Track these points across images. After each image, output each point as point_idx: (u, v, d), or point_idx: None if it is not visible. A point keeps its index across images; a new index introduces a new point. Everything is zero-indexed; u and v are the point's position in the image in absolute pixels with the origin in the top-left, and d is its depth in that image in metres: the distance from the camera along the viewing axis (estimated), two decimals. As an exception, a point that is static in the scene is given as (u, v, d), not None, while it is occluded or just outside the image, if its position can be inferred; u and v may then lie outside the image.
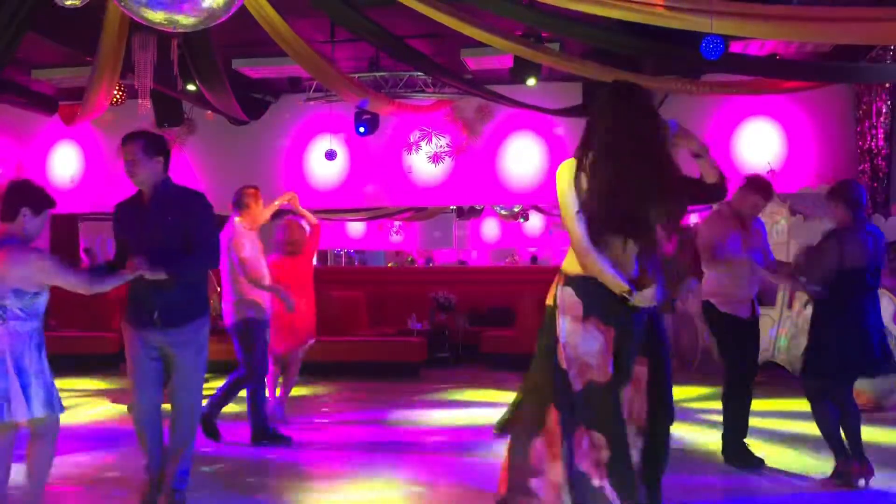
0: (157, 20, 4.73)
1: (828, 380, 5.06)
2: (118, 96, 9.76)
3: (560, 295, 3.44)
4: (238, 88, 9.59)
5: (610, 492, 3.29)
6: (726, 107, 10.73)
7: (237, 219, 6.36)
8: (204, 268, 4.68)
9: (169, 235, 4.39)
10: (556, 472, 3.39)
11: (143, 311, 4.41)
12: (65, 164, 12.41)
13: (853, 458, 5.04)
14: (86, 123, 10.48)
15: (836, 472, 5.11)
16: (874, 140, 9.81)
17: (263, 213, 6.57)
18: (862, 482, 4.99)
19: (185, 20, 4.75)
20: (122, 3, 4.72)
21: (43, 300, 4.10)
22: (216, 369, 9.40)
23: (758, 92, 9.57)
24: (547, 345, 3.48)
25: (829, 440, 5.12)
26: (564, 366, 3.38)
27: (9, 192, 4.16)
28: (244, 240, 6.27)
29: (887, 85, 9.52)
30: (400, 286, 12.79)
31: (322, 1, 6.86)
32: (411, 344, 10.27)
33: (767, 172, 8.87)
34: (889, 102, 9.65)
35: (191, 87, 9.03)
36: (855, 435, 5.06)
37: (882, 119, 9.70)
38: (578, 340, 3.37)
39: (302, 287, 6.86)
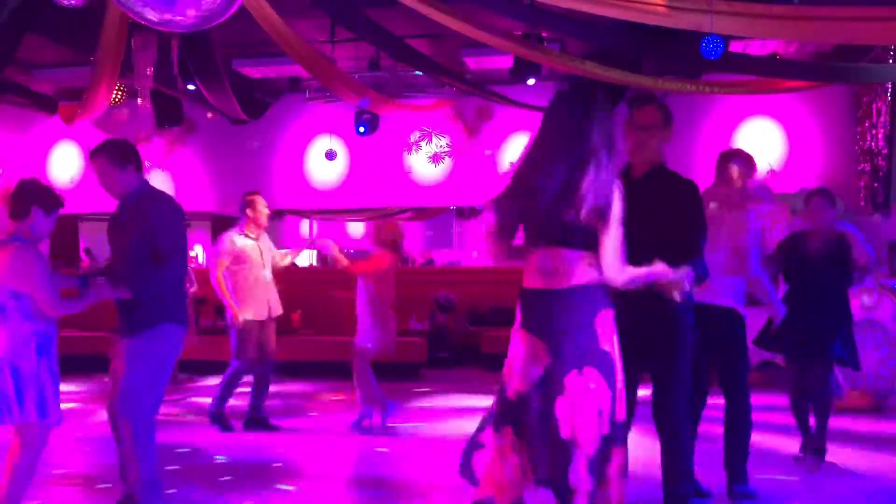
0: (157, 20, 4.73)
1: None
2: (118, 96, 9.77)
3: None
4: (238, 88, 9.59)
5: None
6: (726, 106, 10.74)
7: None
8: (171, 279, 4.29)
9: (136, 248, 4.19)
10: None
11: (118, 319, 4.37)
12: (65, 163, 12.42)
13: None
14: (86, 123, 10.49)
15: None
16: (874, 140, 9.80)
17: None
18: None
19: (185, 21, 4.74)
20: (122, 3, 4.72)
21: None
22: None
23: (758, 92, 9.57)
24: None
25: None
26: None
27: (20, 190, 4.08)
28: None
29: (887, 85, 9.53)
30: (400, 286, 12.74)
31: (322, 1, 6.87)
32: (411, 344, 10.25)
33: (767, 172, 8.87)
34: (889, 102, 9.65)
35: (191, 87, 9.04)
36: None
37: (882, 119, 9.69)
38: None
39: None
